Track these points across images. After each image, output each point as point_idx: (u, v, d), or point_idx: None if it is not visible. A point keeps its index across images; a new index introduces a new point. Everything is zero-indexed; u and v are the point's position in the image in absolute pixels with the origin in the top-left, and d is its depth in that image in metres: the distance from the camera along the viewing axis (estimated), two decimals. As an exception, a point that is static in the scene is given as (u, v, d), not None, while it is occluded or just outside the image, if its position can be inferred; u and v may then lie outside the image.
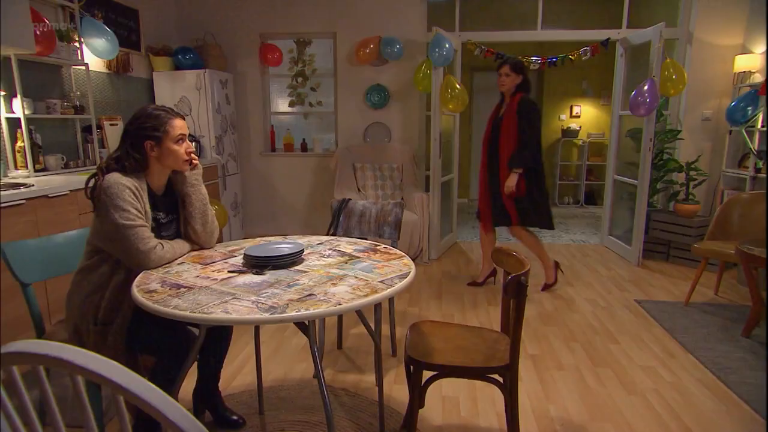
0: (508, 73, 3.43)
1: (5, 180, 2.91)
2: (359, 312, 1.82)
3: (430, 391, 2.34)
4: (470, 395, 2.34)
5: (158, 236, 1.85)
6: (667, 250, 4.58)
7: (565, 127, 7.52)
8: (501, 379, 1.69)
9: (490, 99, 7.77)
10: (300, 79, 5.40)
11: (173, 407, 0.73)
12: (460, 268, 4.38)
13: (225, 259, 1.84)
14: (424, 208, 4.46)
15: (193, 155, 1.87)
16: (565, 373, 2.55)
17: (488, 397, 2.32)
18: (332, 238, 2.14)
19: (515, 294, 1.50)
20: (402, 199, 4.77)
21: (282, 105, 5.56)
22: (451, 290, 3.80)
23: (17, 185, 2.67)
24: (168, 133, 1.77)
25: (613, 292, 3.78)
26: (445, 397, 2.33)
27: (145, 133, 1.76)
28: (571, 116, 7.61)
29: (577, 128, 7.48)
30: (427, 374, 1.71)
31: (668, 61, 4.17)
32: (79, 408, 0.79)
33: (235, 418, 2.10)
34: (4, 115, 3.09)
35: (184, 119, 1.85)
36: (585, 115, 7.59)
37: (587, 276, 4.17)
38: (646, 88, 4.03)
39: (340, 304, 1.38)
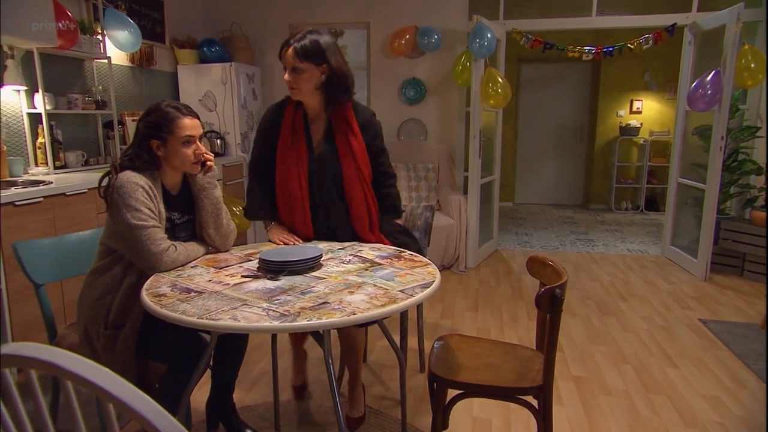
0: (298, 66, 1.95)
1: (24, 177, 3.07)
2: (381, 323, 1.83)
3: (460, 411, 2.32)
4: (503, 417, 2.30)
5: (174, 237, 1.91)
6: (741, 263, 4.37)
7: (623, 124, 7.31)
8: (536, 402, 1.65)
9: (540, 92, 7.70)
10: (331, 72, 5.45)
11: (164, 418, 0.75)
12: (500, 278, 4.32)
13: (240, 263, 1.89)
14: (462, 211, 4.42)
15: (206, 156, 1.91)
16: (612, 399, 2.47)
17: (523, 420, 2.28)
18: (355, 243, 2.15)
19: (549, 308, 1.47)
20: (437, 201, 4.75)
21: (311, 100, 5.63)
22: (489, 302, 3.75)
23: (36, 182, 2.81)
24: (174, 134, 1.81)
25: (674, 309, 3.64)
26: (476, 418, 2.30)
27: (150, 131, 1.81)
28: (631, 112, 7.39)
29: (638, 125, 7.26)
30: (453, 393, 1.69)
31: (746, 47, 3.98)
32: (69, 415, 0.82)
33: (248, 431, 2.14)
34: (26, 110, 3.27)
35: (196, 119, 1.88)
36: (647, 111, 7.35)
37: (643, 290, 4.03)
38: (709, 79, 3.88)
39: (354, 314, 1.39)
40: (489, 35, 4.18)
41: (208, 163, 1.94)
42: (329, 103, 2.06)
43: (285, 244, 2.10)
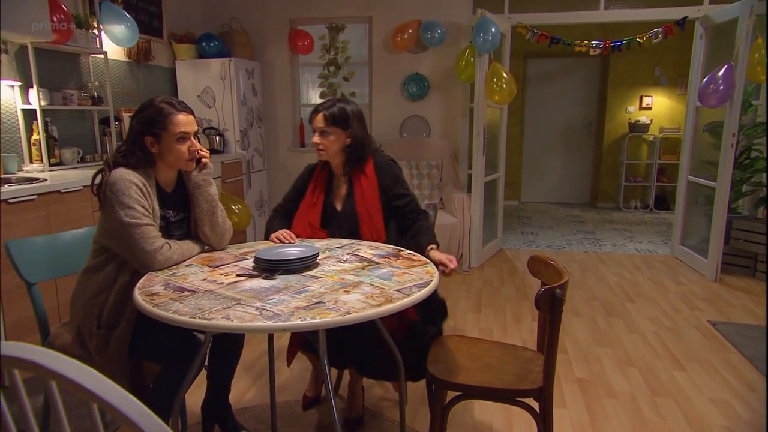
0: (325, 129, 2.18)
1: (19, 174, 3.09)
2: (379, 323, 1.83)
3: (460, 413, 2.33)
4: (505, 420, 2.31)
5: (168, 235, 1.92)
6: (753, 264, 4.35)
7: (632, 121, 7.28)
8: (536, 405, 1.65)
9: (546, 88, 7.68)
10: (332, 68, 5.47)
11: (151, 421, 0.75)
12: (504, 278, 4.32)
13: (235, 261, 1.89)
14: (465, 210, 4.42)
15: (201, 153, 1.92)
16: (617, 402, 2.47)
17: (525, 422, 2.27)
18: (353, 241, 2.16)
19: (549, 309, 1.47)
20: (440, 200, 4.75)
21: (312, 96, 5.65)
22: (492, 303, 3.75)
23: (30, 180, 2.83)
24: (168, 130, 1.81)
25: (682, 310, 3.62)
26: (477, 421, 2.30)
27: (144, 128, 1.82)
28: (641, 108, 7.36)
29: (648, 122, 7.23)
30: (452, 395, 1.69)
31: (759, 41, 3.96)
32: (54, 416, 0.82)
33: (244, 433, 2.15)
34: (20, 106, 3.29)
35: (191, 115, 1.89)
36: (657, 107, 7.32)
37: (651, 291, 4.02)
38: (720, 74, 3.87)
39: (349, 314, 1.39)
40: (493, 29, 4.17)
41: (203, 160, 1.94)
42: (349, 164, 2.27)
43: (281, 241, 2.12)
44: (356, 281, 1.64)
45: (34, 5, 2.89)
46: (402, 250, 2.01)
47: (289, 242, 2.11)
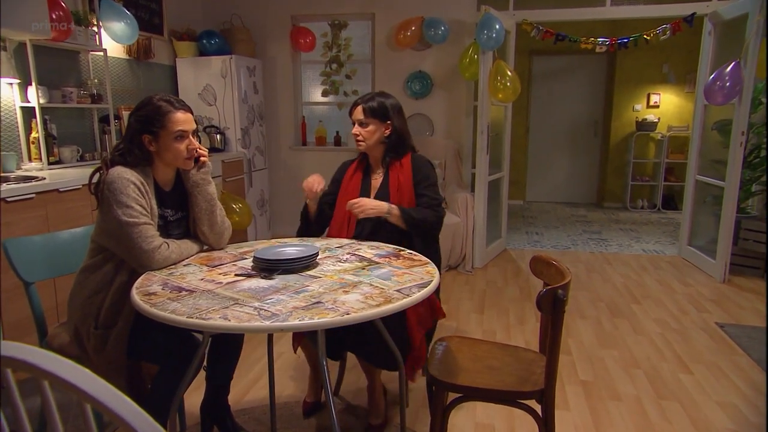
0: (364, 121, 2.30)
1: (17, 173, 3.11)
2: (378, 323, 1.83)
3: (462, 416, 2.33)
4: (507, 423, 2.30)
5: (167, 235, 1.92)
6: (763, 264, 4.33)
7: (640, 119, 7.26)
8: (538, 407, 1.65)
9: (552, 86, 7.67)
10: (334, 66, 5.47)
11: (145, 421, 0.75)
12: (508, 278, 4.31)
13: (234, 261, 1.90)
14: (468, 209, 4.42)
15: (200, 152, 1.92)
16: (621, 404, 2.46)
17: (527, 425, 2.27)
18: (353, 241, 2.17)
19: (551, 309, 1.47)
20: (444, 199, 4.75)
21: (314, 94, 5.66)
22: (496, 304, 3.75)
23: (28, 178, 2.85)
24: (166, 128, 1.82)
25: (690, 312, 3.61)
26: (479, 423, 2.30)
27: (142, 126, 1.82)
28: (648, 106, 7.34)
29: (656, 120, 7.21)
30: (453, 396, 1.69)
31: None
32: (48, 417, 0.83)
33: (243, 435, 2.16)
34: (19, 104, 3.31)
35: (189, 113, 1.89)
36: (665, 105, 7.30)
37: (658, 292, 4.00)
38: (727, 71, 3.85)
39: (348, 314, 1.39)
40: (498, 26, 4.17)
41: (202, 158, 1.95)
42: (388, 154, 2.36)
43: (309, 186, 2.32)
44: (356, 281, 1.65)
45: (33, 4, 2.91)
46: (402, 250, 2.02)
47: (316, 189, 2.30)
